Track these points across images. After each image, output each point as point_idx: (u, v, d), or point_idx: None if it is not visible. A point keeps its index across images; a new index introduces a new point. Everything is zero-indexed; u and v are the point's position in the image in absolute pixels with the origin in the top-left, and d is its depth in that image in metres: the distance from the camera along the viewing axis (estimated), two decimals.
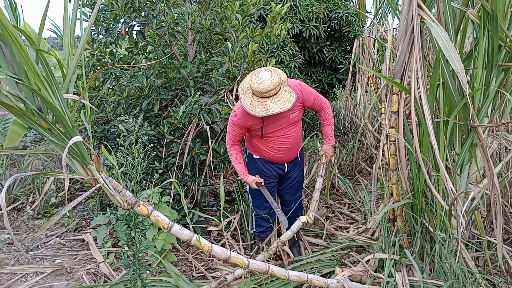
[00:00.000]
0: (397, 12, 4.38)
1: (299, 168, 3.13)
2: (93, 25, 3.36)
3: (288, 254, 3.21)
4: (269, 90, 2.50)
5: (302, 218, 2.86)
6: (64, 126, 1.79)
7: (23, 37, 1.80)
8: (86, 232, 3.69)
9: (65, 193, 4.29)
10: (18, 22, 1.92)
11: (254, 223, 3.25)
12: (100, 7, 3.32)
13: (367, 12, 6.11)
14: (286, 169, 3.04)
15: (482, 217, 2.72)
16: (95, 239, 3.50)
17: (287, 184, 3.15)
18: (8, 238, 3.58)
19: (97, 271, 3.09)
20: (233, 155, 2.94)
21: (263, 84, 2.50)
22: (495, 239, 2.47)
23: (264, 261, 2.56)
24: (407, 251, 2.65)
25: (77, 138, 1.73)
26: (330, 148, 3.13)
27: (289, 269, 2.74)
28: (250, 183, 2.96)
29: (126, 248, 2.88)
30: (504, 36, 2.27)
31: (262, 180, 2.99)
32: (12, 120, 3.88)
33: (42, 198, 4.11)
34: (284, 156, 2.95)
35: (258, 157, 3.00)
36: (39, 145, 6.05)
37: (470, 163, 2.61)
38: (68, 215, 3.94)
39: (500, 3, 2.18)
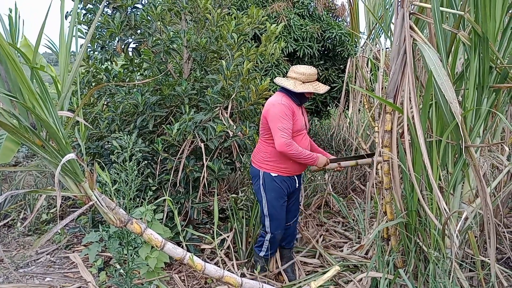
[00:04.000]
0: (389, 33, 4.46)
1: (300, 184, 3.21)
2: (88, 42, 3.38)
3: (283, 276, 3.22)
4: (315, 73, 2.92)
5: None
6: (57, 143, 1.79)
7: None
8: (78, 250, 3.64)
9: (56, 210, 4.24)
10: (15, 39, 1.93)
11: (266, 247, 3.15)
12: (96, 25, 3.35)
13: (360, 32, 6.21)
14: (297, 183, 3.09)
15: (475, 237, 2.72)
16: (86, 259, 3.44)
17: (294, 198, 3.20)
18: None
19: None
20: (298, 149, 2.83)
21: (309, 68, 2.90)
22: (488, 259, 2.47)
23: (258, 281, 2.54)
24: (401, 270, 2.64)
25: (71, 155, 1.72)
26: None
27: None
28: (323, 163, 2.97)
29: (118, 266, 2.84)
30: (494, 58, 2.31)
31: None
32: (5, 136, 3.86)
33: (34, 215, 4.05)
34: (300, 163, 2.99)
35: (275, 174, 2.97)
36: (32, 160, 6.01)
37: (463, 183, 2.62)
38: (59, 232, 3.88)
39: (491, 26, 2.23)
